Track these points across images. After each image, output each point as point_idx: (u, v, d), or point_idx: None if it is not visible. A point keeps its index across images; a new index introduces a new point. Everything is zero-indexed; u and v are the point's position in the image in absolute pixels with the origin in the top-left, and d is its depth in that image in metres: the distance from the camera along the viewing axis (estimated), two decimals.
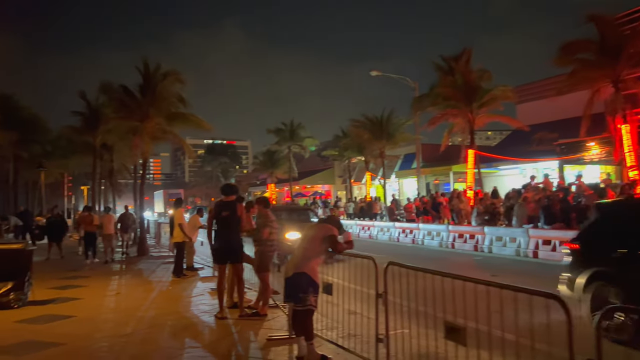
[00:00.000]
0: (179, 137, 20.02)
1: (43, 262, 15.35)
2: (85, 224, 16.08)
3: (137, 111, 18.43)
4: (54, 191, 58.82)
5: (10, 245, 9.01)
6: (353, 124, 31.26)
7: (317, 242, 5.55)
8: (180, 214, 12.54)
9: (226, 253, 7.70)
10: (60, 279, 12.09)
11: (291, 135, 41.56)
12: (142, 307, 8.62)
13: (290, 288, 5.51)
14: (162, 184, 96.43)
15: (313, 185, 54.73)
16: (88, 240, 15.97)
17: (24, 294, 8.72)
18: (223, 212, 7.71)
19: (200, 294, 9.84)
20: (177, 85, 19.03)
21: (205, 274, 12.73)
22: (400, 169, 39.37)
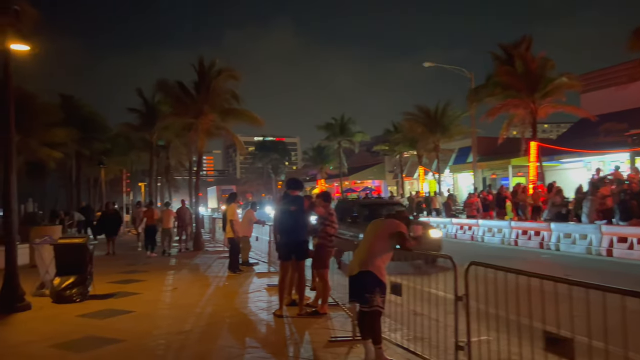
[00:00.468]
0: (231, 132, 20.09)
1: (103, 256, 15.73)
2: (147, 218, 16.92)
3: (192, 107, 18.59)
4: (113, 187, 61.23)
5: (73, 240, 9.15)
6: (406, 117, 30.48)
7: (383, 238, 5.14)
8: (233, 209, 12.42)
9: (292, 249, 7.42)
10: (119, 273, 12.29)
11: (341, 130, 41.20)
12: (200, 303, 8.50)
13: (355, 287, 5.14)
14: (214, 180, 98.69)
15: (363, 180, 54.21)
16: (149, 233, 16.84)
17: (86, 288, 8.81)
18: (290, 206, 7.43)
19: (257, 290, 9.65)
20: (230, 81, 19.07)
21: (260, 269, 12.60)
22: (455, 163, 38.17)
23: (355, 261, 5.19)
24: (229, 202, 12.80)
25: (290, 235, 7.45)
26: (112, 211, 18.05)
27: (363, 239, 5.39)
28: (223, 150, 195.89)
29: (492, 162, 32.72)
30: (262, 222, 13.80)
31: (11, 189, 8.05)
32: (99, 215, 22.55)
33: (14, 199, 8.07)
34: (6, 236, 8.02)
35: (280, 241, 7.61)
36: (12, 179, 8.09)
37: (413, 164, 41.63)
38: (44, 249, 9.30)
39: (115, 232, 17.47)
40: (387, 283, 5.12)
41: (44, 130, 25.56)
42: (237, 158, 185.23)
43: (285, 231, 7.50)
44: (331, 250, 7.66)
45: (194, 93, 19.02)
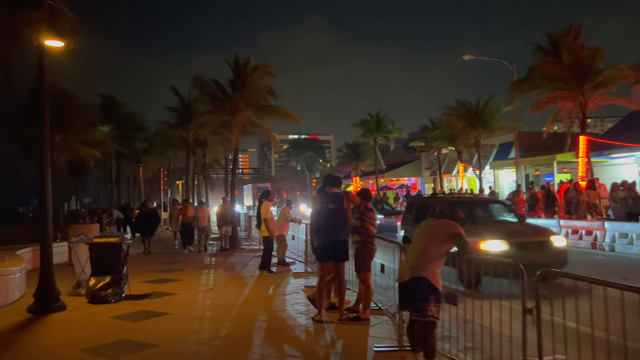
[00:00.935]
0: (266, 129, 19.82)
1: (139, 255, 15.67)
2: (183, 215, 17.14)
3: (228, 104, 18.42)
4: (152, 185, 62.41)
5: (108, 239, 8.99)
6: (446, 111, 29.49)
7: (438, 241, 4.64)
8: (267, 207, 12.05)
9: (331, 249, 6.98)
10: (155, 272, 12.14)
11: (377, 126, 40.41)
12: (236, 306, 8.18)
13: (407, 295, 4.66)
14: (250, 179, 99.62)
15: (399, 177, 53.22)
16: (185, 231, 17.06)
17: (121, 288, 8.63)
18: (328, 204, 6.99)
19: (295, 292, 9.27)
20: (266, 78, 18.79)
21: (297, 269, 12.24)
22: (495, 160, 36.86)
23: (406, 266, 4.71)
24: (262, 199, 12.40)
25: (329, 235, 7.00)
26: (150, 209, 17.84)
27: (414, 242, 4.90)
28: (258, 149, 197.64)
29: (536, 158, 31.38)
30: (299, 220, 13.43)
31: (46, 187, 7.92)
32: (137, 213, 22.69)
33: (49, 197, 7.94)
34: (41, 235, 7.89)
35: (318, 241, 7.16)
36: (47, 177, 7.96)
37: (451, 160, 40.50)
38: (80, 248, 9.18)
39: (152, 230, 17.15)
40: (441, 290, 4.62)
41: (83, 129, 25.97)
42: (272, 156, 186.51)
43: (324, 230, 7.05)
44: (373, 251, 7.18)
45: (229, 90, 18.85)
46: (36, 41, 8.10)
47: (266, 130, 19.81)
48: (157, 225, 18.22)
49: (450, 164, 41.79)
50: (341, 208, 7.05)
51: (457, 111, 28.93)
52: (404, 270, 4.71)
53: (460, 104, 28.90)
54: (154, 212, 18.24)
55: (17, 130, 26.39)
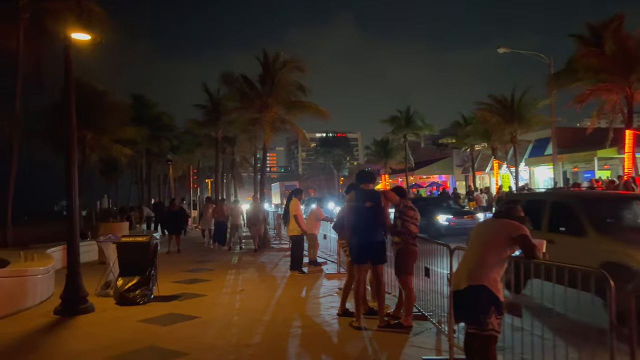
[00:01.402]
0: (296, 126, 19.43)
1: (167, 254, 15.37)
2: (217, 214, 17.15)
3: (257, 101, 18.12)
4: (182, 184, 63.02)
5: (136, 239, 8.70)
6: (479, 106, 28.56)
7: (499, 244, 4.08)
8: (296, 204, 11.60)
9: (368, 251, 6.48)
10: (184, 271, 11.86)
11: (407, 123, 39.61)
12: (268, 309, 7.76)
13: (464, 305, 4.12)
14: (277, 177, 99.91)
15: (429, 175, 52.19)
16: (218, 229, 17.08)
17: (149, 289, 8.33)
18: (364, 202, 6.49)
19: (329, 294, 8.80)
20: (296, 73, 18.39)
21: (329, 269, 11.77)
22: (531, 156, 35.64)
23: (463, 272, 4.16)
24: (291, 196, 11.95)
25: (366, 236, 6.49)
26: (178, 208, 17.42)
27: (470, 245, 4.34)
28: (285, 147, 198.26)
29: (575, 154, 30.14)
30: (330, 219, 12.93)
31: (73, 184, 7.66)
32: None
33: (76, 194, 7.67)
34: (68, 234, 7.64)
35: (353, 242, 6.65)
36: (74, 174, 7.70)
37: (484, 157, 39.38)
38: (108, 247, 8.94)
39: (179, 229, 16.78)
40: (503, 300, 4.06)
41: (115, 127, 26.11)
42: (300, 155, 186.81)
43: (359, 231, 6.53)
44: (415, 253, 6.65)
45: (258, 86, 18.52)
46: (62, 34, 7.85)
47: (295, 127, 19.41)
48: (185, 223, 17.78)
49: (483, 160, 40.66)
50: (378, 207, 6.53)
51: (492, 106, 27.98)
52: (459, 277, 4.18)
53: (494, 98, 27.95)
54: (181, 210, 17.76)
55: (51, 128, 26.76)
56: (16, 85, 18.25)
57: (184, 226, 17.58)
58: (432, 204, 20.10)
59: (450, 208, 19.90)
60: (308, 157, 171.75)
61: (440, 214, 18.03)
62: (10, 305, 7.34)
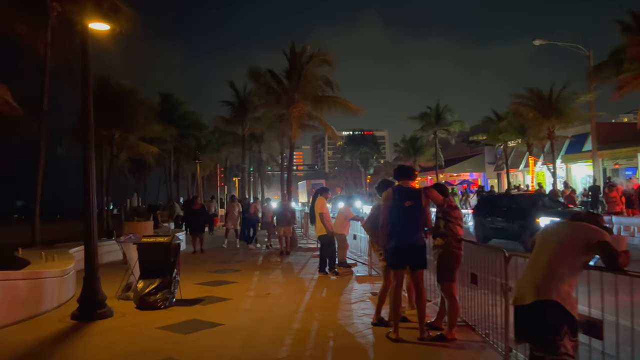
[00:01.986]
0: (324, 121, 18.83)
1: (192, 254, 14.99)
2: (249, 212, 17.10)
3: (284, 96, 17.62)
4: (210, 182, 63.30)
5: (157, 239, 8.26)
6: (516, 100, 27.35)
7: (574, 251, 3.40)
8: (322, 203, 11.00)
9: (407, 255, 5.85)
10: (209, 272, 11.43)
11: (437, 119, 38.56)
12: (296, 316, 7.20)
13: (529, 324, 3.45)
14: (304, 175, 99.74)
15: (459, 173, 50.89)
16: (248, 225, 16.86)
17: (171, 292, 7.87)
18: (404, 201, 5.85)
19: (361, 300, 8.19)
20: (323, 67, 17.81)
21: (359, 271, 11.15)
22: (567, 153, 34.18)
23: (527, 284, 3.49)
24: (317, 195, 11.37)
25: (404, 238, 5.84)
26: (199, 206, 16.72)
27: (536, 251, 3.65)
28: (312, 146, 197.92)
29: (617, 151, 28.67)
30: (360, 218, 12.31)
31: (90, 181, 7.24)
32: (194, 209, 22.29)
33: (92, 192, 7.25)
34: (85, 234, 7.23)
35: (390, 245, 6.00)
36: (91, 170, 7.27)
37: (518, 154, 38.05)
38: (129, 247, 8.53)
39: (201, 228, 16.09)
40: (577, 318, 3.38)
41: (141, 125, 26.02)
42: (326, 153, 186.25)
43: (397, 232, 5.89)
44: (459, 257, 5.98)
45: (285, 81, 18.00)
46: (80, 24, 7.45)
47: (323, 122, 18.82)
48: (206, 222, 17.20)
49: (516, 157, 39.30)
50: (419, 206, 5.89)
51: (528, 100, 26.79)
52: (523, 290, 3.51)
53: (531, 92, 26.75)
54: (202, 209, 17.11)
55: None
56: (44, 82, 18.23)
57: (205, 225, 16.96)
58: (526, 202, 15.59)
59: (553, 208, 15.06)
60: (334, 155, 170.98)
61: (543, 216, 13.63)
62: (25, 310, 6.98)
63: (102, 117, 26.05)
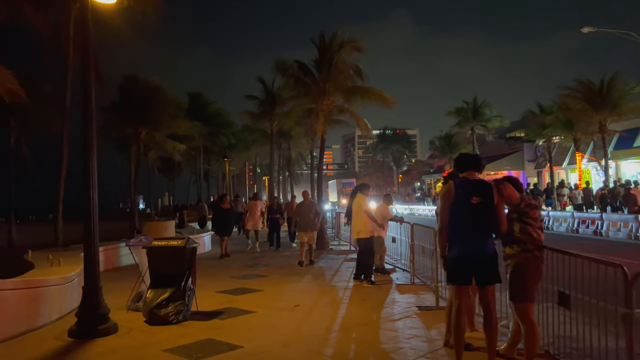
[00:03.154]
0: (356, 114, 17.56)
1: (216, 258, 13.98)
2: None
3: (313, 88, 16.45)
4: (239, 181, 62.92)
5: (170, 242, 7.19)
6: (563, 91, 25.38)
7: None
8: (364, 200, 9.73)
9: (474, 266, 4.57)
10: (233, 278, 10.39)
11: (474, 114, 36.66)
12: (330, 336, 6.01)
13: None
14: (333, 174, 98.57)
15: (497, 171, 48.65)
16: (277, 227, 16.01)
17: (185, 304, 6.81)
18: (472, 197, 4.57)
19: (406, 315, 6.95)
20: (354, 54, 16.56)
21: (399, 279, 9.90)
22: (616, 149, 31.85)
23: None
24: (355, 193, 10.08)
25: (471, 245, 4.53)
26: (228, 206, 15.14)
27: None
28: (342, 145, 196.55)
29: None
30: (400, 218, 11.05)
31: (91, 176, 6.24)
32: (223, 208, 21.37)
33: (93, 188, 6.24)
34: (85, 237, 6.23)
35: (452, 253, 4.68)
36: (92, 162, 6.27)
37: (561, 150, 35.86)
38: (140, 252, 7.51)
39: (229, 230, 14.74)
40: None
41: (168, 123, 25.41)
42: (356, 152, 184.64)
43: (461, 237, 4.57)
44: (540, 270, 4.67)
45: (314, 72, 16.84)
46: None
47: (355, 116, 17.53)
48: (236, 223, 15.98)
49: (559, 154, 37.06)
50: (490, 204, 4.61)
51: (576, 92, 24.87)
52: None
53: (580, 83, 24.82)
54: (232, 208, 15.55)
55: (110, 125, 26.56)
56: (66, 78, 17.63)
57: (235, 225, 15.71)
58: None
59: None
60: (364, 154, 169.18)
61: None
62: (17, 325, 6.03)
63: (129, 115, 25.69)
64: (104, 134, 28.59)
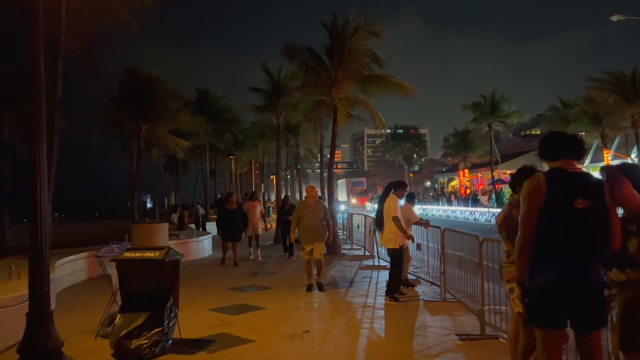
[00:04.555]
0: (370, 106, 15.98)
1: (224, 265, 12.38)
2: None
3: (324, 76, 14.95)
4: (247, 180, 61.61)
5: (145, 254, 5.70)
6: (592, 83, 23.63)
7: None
8: (394, 202, 8.21)
9: (576, 299, 3.01)
10: (231, 290, 8.95)
11: (492, 110, 34.89)
12: None
13: None
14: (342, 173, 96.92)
15: (513, 170, 46.77)
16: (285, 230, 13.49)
17: (164, 333, 5.34)
18: (576, 199, 3.02)
19: (445, 349, 5.43)
20: (370, 40, 15.02)
21: (427, 293, 8.38)
22: None
23: None
24: (387, 192, 8.50)
25: (571, 269, 3.00)
26: (235, 205, 12.79)
27: None
28: (351, 144, 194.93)
29: None
30: (426, 222, 9.50)
31: (38, 168, 4.77)
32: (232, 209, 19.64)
33: (41, 183, 4.76)
34: (32, 249, 4.76)
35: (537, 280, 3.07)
36: (40, 159, 4.79)
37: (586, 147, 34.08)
38: (112, 264, 6.06)
39: (238, 235, 12.54)
40: None
41: (170, 117, 24.06)
42: (365, 151, 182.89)
43: (557, 258, 3.03)
44: None
45: (325, 59, 15.35)
46: None
47: (369, 108, 15.95)
48: (245, 226, 12.94)
49: None
50: (602, 210, 3.06)
51: (606, 84, 23.15)
52: None
53: (610, 75, 23.09)
54: (240, 209, 12.98)
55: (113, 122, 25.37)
56: (57, 65, 16.28)
57: (242, 230, 12.82)
58: None
59: None
60: (373, 153, 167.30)
61: None
62: None
63: (129, 109, 24.36)
64: (105, 131, 27.41)
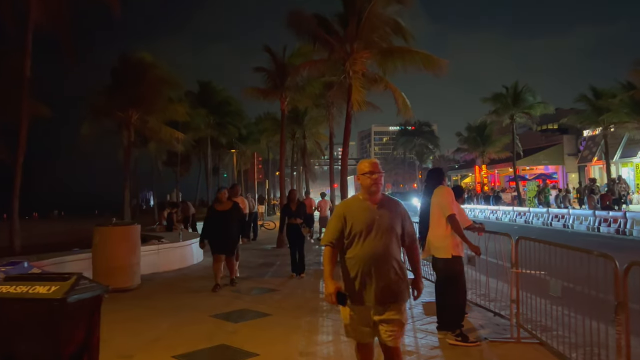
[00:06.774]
0: (392, 85, 13.45)
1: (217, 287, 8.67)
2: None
3: (337, 48, 12.48)
4: (251, 177, 59.43)
5: (34, 289, 3.16)
6: (636, 68, 20.94)
7: None
8: (449, 196, 5.66)
9: None
10: (215, 317, 6.48)
11: (514, 101, 32.19)
12: None
13: None
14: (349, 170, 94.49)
15: (533, 166, 44.18)
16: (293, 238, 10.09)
17: None
18: None
19: None
20: (393, 5, 12.51)
21: (482, 327, 5.88)
22: None
23: None
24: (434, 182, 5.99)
25: None
26: (229, 205, 8.57)
27: None
28: (358, 142, 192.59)
29: None
30: (480, 226, 6.88)
31: None
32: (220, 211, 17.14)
33: None
34: None
35: None
36: None
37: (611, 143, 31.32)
38: None
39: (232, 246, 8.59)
40: None
41: (163, 105, 21.70)
42: (372, 148, 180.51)
43: None
44: None
45: (338, 28, 12.89)
46: None
47: (391, 87, 13.40)
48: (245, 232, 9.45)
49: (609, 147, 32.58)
50: None
51: None
52: None
53: None
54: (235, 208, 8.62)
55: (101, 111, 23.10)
56: (26, 39, 13.96)
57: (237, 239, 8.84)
58: None
59: None
60: (381, 151, 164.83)
61: None
62: None
63: (119, 95, 22.05)
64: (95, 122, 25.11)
